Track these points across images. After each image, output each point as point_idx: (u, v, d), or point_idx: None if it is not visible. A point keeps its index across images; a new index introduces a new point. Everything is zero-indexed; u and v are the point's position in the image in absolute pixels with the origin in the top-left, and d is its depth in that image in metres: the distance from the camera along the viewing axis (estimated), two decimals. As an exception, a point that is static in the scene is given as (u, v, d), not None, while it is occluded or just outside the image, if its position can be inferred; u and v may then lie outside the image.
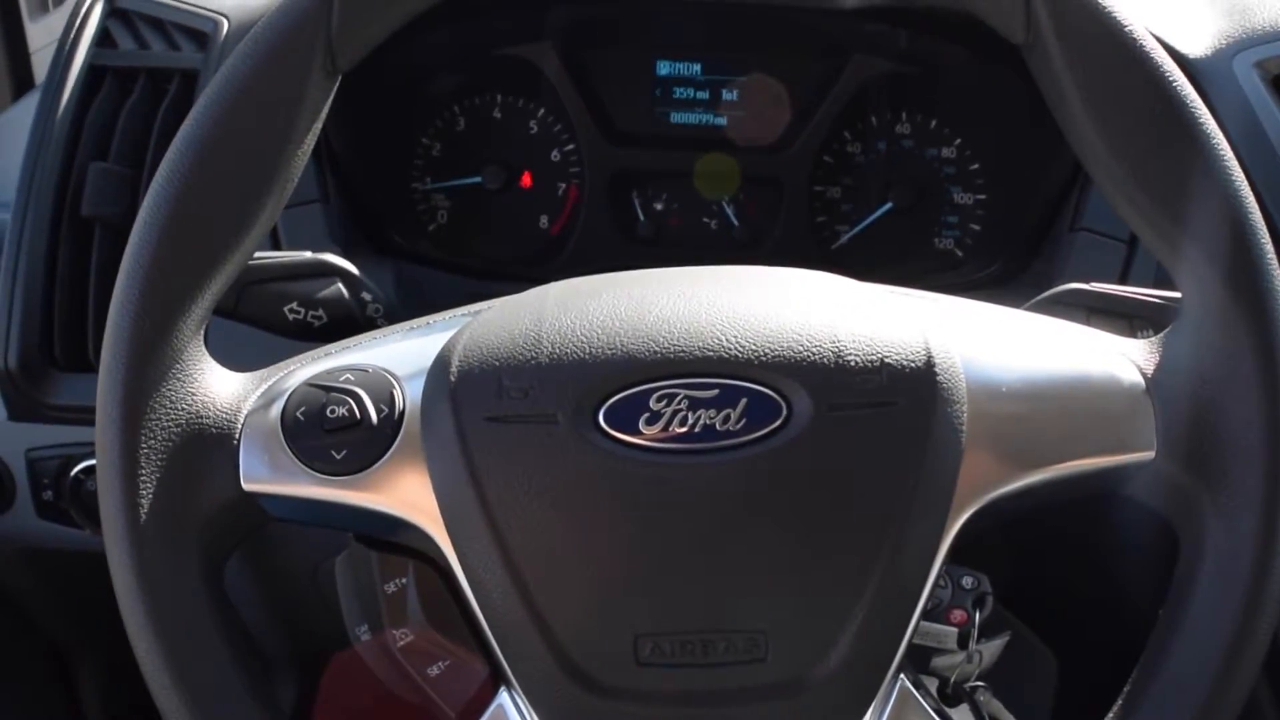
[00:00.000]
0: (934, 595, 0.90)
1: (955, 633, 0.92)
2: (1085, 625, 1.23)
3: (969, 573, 0.95)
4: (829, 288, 0.71)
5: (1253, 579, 0.68)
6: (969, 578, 0.95)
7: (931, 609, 0.93)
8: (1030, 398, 0.70)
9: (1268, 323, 0.69)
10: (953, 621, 0.92)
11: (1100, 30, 0.70)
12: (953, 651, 0.92)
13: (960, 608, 0.93)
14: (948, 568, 0.95)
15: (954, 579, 0.94)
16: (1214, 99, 1.10)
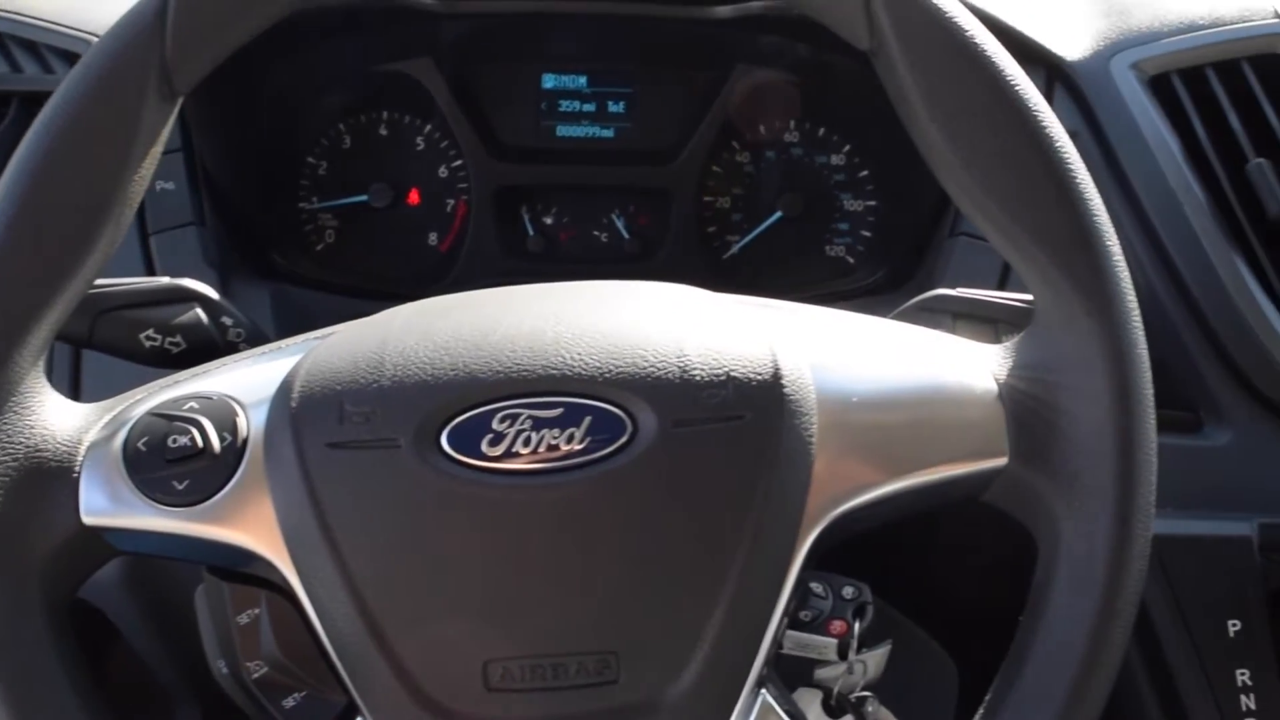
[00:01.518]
0: (814, 606, 0.90)
1: (835, 644, 0.91)
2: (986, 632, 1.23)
3: (850, 582, 0.95)
4: (677, 301, 0.71)
5: (1107, 583, 0.68)
6: (850, 587, 0.94)
7: (811, 620, 0.93)
8: (882, 407, 0.70)
9: (1116, 326, 0.68)
10: (832, 632, 0.91)
11: (942, 36, 0.69)
12: (834, 663, 0.91)
13: (840, 618, 0.92)
14: (828, 578, 0.95)
15: (835, 589, 0.94)
16: (1092, 101, 1.10)
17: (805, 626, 0.92)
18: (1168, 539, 0.97)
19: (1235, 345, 1.02)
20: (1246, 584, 0.96)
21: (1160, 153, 1.06)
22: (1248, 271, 1.03)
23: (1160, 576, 0.96)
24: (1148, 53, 1.10)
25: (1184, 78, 1.09)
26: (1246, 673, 0.95)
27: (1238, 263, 1.03)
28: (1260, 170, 1.03)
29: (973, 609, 1.20)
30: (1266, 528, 0.97)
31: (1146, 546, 0.69)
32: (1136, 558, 0.68)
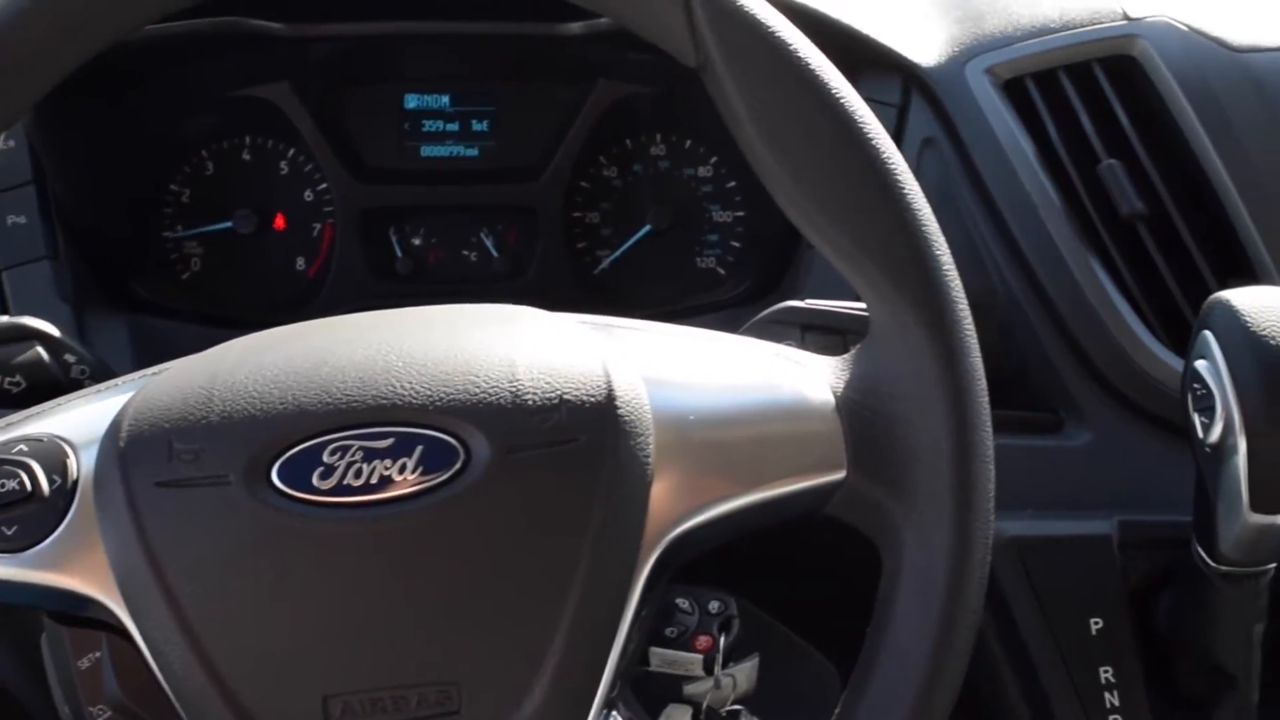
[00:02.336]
0: (680, 622, 0.90)
1: (701, 659, 0.91)
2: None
3: (717, 596, 0.95)
4: (511, 324, 0.70)
5: (948, 593, 0.68)
6: (716, 602, 0.94)
7: (677, 636, 0.93)
8: (720, 424, 0.70)
9: (947, 334, 0.69)
10: (698, 647, 0.91)
11: (766, 51, 0.70)
12: (702, 678, 0.91)
13: (706, 633, 0.92)
14: (695, 593, 0.94)
15: (701, 604, 0.94)
16: (948, 107, 1.11)
17: (671, 643, 0.92)
18: (1030, 540, 0.98)
19: (1092, 345, 1.03)
20: (1107, 582, 0.97)
21: (1015, 157, 1.07)
22: (1103, 272, 1.04)
23: (1023, 577, 0.96)
24: (1001, 57, 1.11)
25: (1037, 81, 1.10)
26: (1109, 670, 0.96)
27: (1093, 264, 1.04)
28: (1112, 171, 1.04)
29: (854, 617, 1.20)
30: (1125, 525, 0.98)
31: (987, 554, 0.69)
32: (976, 566, 0.69)
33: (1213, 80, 1.06)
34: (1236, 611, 0.91)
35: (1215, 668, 0.94)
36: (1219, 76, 1.06)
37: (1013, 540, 0.97)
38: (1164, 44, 1.08)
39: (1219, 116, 1.05)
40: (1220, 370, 0.83)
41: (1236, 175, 1.04)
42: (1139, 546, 0.99)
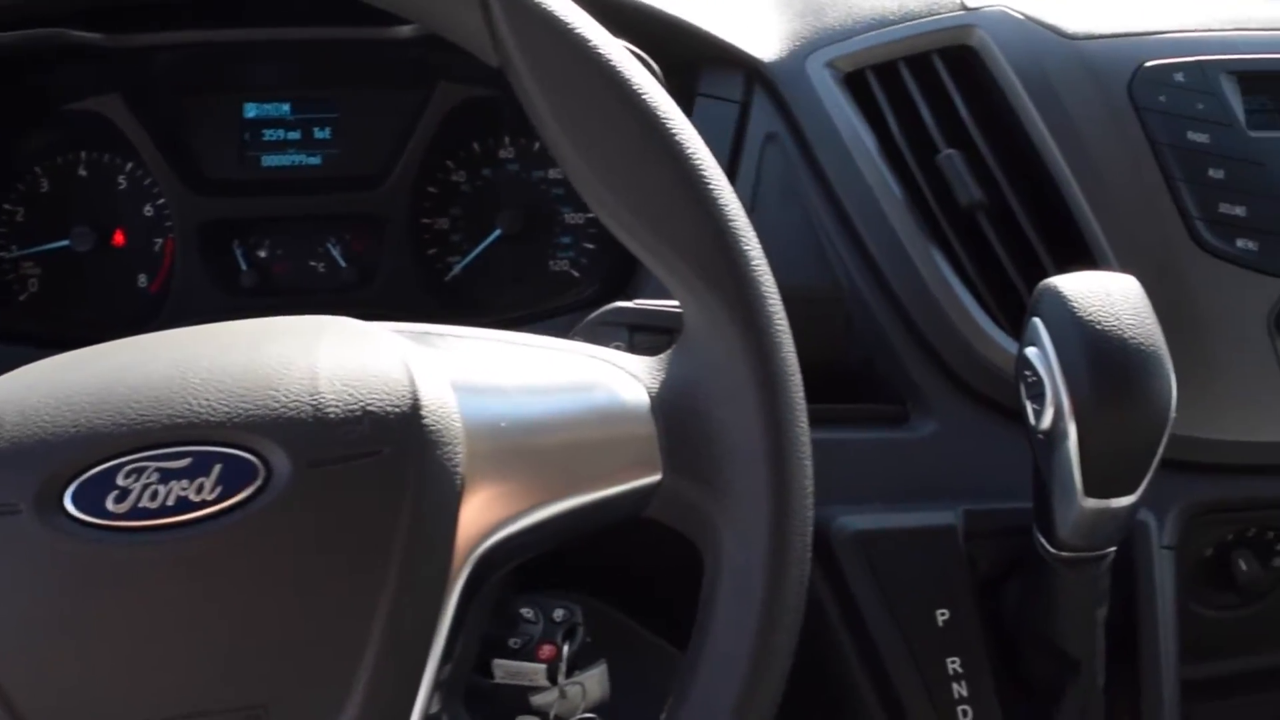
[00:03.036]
0: (524, 632, 0.88)
1: (544, 669, 0.89)
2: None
3: (562, 604, 0.94)
4: (316, 336, 0.68)
5: (767, 592, 0.67)
6: (561, 609, 0.93)
7: (521, 647, 0.91)
8: (533, 431, 0.68)
9: (759, 331, 0.68)
10: (541, 657, 0.90)
11: (567, 50, 0.68)
12: (547, 688, 0.90)
13: (550, 641, 0.91)
14: (540, 601, 0.93)
15: (546, 613, 0.93)
16: (790, 102, 1.10)
17: (514, 653, 0.90)
18: (875, 533, 0.97)
19: (936, 336, 1.03)
20: (953, 573, 0.97)
21: (856, 150, 1.07)
22: (944, 262, 1.04)
23: (868, 571, 0.96)
24: (842, 50, 1.11)
25: (878, 73, 1.10)
26: (957, 661, 0.95)
27: (934, 255, 1.04)
28: (950, 161, 1.04)
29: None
30: (971, 515, 0.98)
31: (806, 552, 0.69)
32: (795, 564, 0.68)
33: (1049, 68, 1.06)
34: (1078, 596, 0.91)
35: (1060, 653, 0.94)
36: (1055, 64, 1.06)
37: (858, 534, 0.97)
38: (1001, 33, 1.08)
39: (1055, 104, 1.05)
40: (1049, 356, 0.83)
41: (1073, 162, 1.04)
42: (986, 535, 0.99)
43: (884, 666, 0.96)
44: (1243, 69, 1.08)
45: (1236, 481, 1.06)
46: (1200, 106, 1.06)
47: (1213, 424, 1.04)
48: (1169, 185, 1.04)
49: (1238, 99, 1.07)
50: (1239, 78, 1.08)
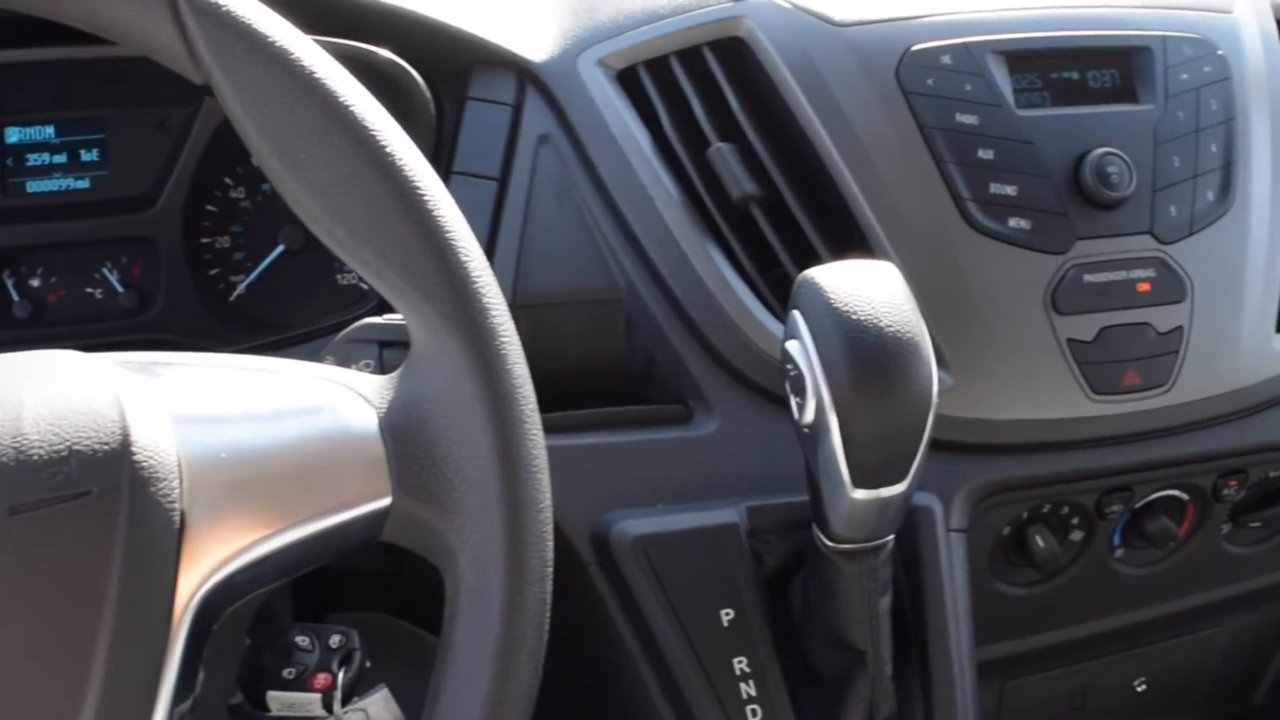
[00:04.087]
0: (299, 661, 0.86)
1: (319, 698, 0.87)
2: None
3: (338, 630, 0.91)
4: (26, 373, 0.65)
5: (505, 612, 0.66)
6: (337, 636, 0.90)
7: (295, 677, 0.88)
8: (255, 461, 0.66)
9: (483, 346, 0.66)
10: (315, 686, 0.87)
11: (268, 63, 0.66)
12: (324, 717, 0.87)
13: (325, 670, 0.88)
14: (316, 629, 0.90)
15: (322, 640, 0.90)
16: (562, 102, 1.09)
17: (289, 684, 0.88)
18: (656, 536, 0.96)
19: (715, 333, 1.02)
20: (737, 571, 0.96)
21: (629, 148, 1.05)
22: (721, 258, 1.03)
23: (650, 575, 0.95)
24: (613, 47, 1.10)
25: (650, 69, 1.09)
26: (744, 660, 0.95)
27: (710, 250, 1.03)
28: (721, 155, 1.03)
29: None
30: (754, 511, 0.98)
31: (544, 569, 0.67)
32: (533, 582, 0.66)
33: (817, 56, 1.05)
34: (858, 588, 0.91)
35: (846, 645, 0.93)
36: (823, 52, 1.06)
37: (639, 539, 0.95)
38: (769, 23, 1.07)
39: (825, 92, 1.05)
40: (808, 349, 0.82)
41: (844, 149, 1.04)
42: (771, 530, 0.98)
43: (670, 671, 0.95)
44: (1010, 49, 1.08)
45: (1025, 460, 1.07)
46: (968, 88, 1.06)
47: (996, 404, 1.05)
48: (939, 168, 1.04)
49: (1006, 79, 1.07)
50: (1007, 58, 1.08)
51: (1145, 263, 1.06)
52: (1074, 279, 1.04)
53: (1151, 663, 1.31)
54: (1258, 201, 1.12)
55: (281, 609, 0.97)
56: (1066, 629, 1.23)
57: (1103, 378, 1.05)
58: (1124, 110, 1.09)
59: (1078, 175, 1.05)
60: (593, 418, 1.00)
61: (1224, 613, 1.30)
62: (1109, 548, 1.18)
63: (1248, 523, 1.21)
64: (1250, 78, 1.15)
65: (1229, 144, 1.11)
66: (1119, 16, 1.14)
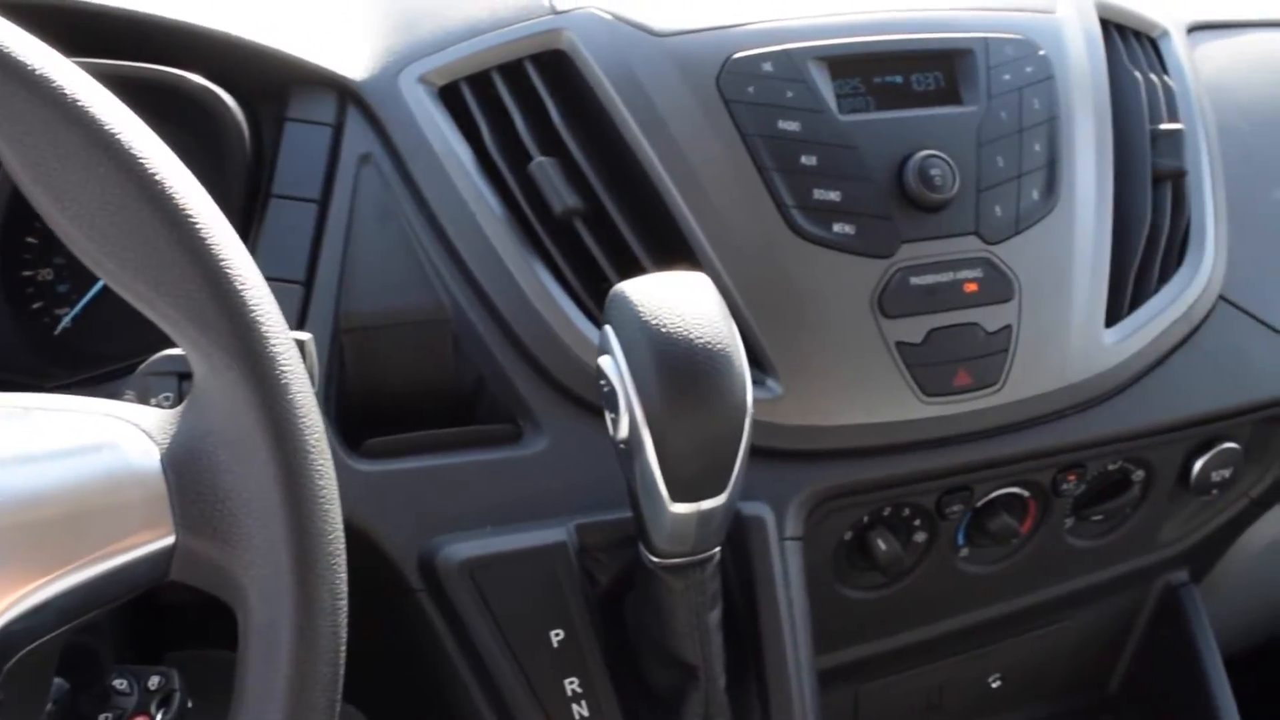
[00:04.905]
0: (117, 705, 0.83)
1: (137, 741, 0.84)
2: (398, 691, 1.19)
3: (158, 671, 0.89)
4: None
5: (295, 650, 0.64)
6: (156, 677, 0.88)
7: (114, 720, 0.86)
8: (29, 504, 0.63)
9: (262, 376, 0.64)
10: (134, 730, 0.85)
11: (28, 92, 0.63)
12: (138, 762, 0.85)
13: (143, 713, 0.86)
14: (135, 671, 0.88)
15: (140, 682, 0.87)
16: (384, 120, 1.07)
17: (104, 727, 0.85)
18: (483, 559, 0.95)
19: (541, 349, 1.01)
20: (567, 590, 0.95)
21: (451, 166, 1.04)
22: (546, 273, 1.02)
23: (478, 599, 0.93)
24: (434, 63, 1.08)
25: (472, 84, 1.07)
26: (575, 681, 0.94)
27: (535, 266, 1.02)
28: (542, 169, 1.02)
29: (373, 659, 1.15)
30: (583, 529, 0.97)
31: (336, 601, 0.65)
32: (324, 615, 0.65)
33: (638, 67, 1.05)
34: (686, 602, 0.90)
35: (678, 661, 0.92)
36: (644, 62, 1.05)
37: (465, 562, 0.94)
38: (590, 35, 1.06)
39: (646, 103, 1.04)
40: (620, 364, 0.81)
41: (666, 160, 1.03)
42: (602, 548, 0.98)
43: (501, 695, 0.93)
44: (832, 54, 1.08)
45: (860, 464, 1.07)
46: (789, 94, 1.05)
47: (826, 410, 1.04)
48: (762, 176, 1.03)
49: (828, 84, 1.07)
50: (828, 63, 1.08)
51: (972, 263, 1.07)
52: (900, 282, 1.04)
53: (1005, 658, 1.32)
54: (1082, 198, 1.12)
55: (103, 651, 0.94)
56: (918, 630, 1.23)
57: (933, 379, 1.05)
58: (947, 112, 1.10)
59: (901, 178, 1.05)
60: (419, 440, 0.98)
61: (1073, 605, 1.31)
62: (953, 547, 1.18)
63: (1090, 516, 1.22)
64: (1073, 76, 1.16)
65: (1052, 142, 1.12)
66: (942, 20, 1.14)
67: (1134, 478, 1.22)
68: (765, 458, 1.03)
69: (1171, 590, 1.36)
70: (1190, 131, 1.25)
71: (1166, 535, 1.31)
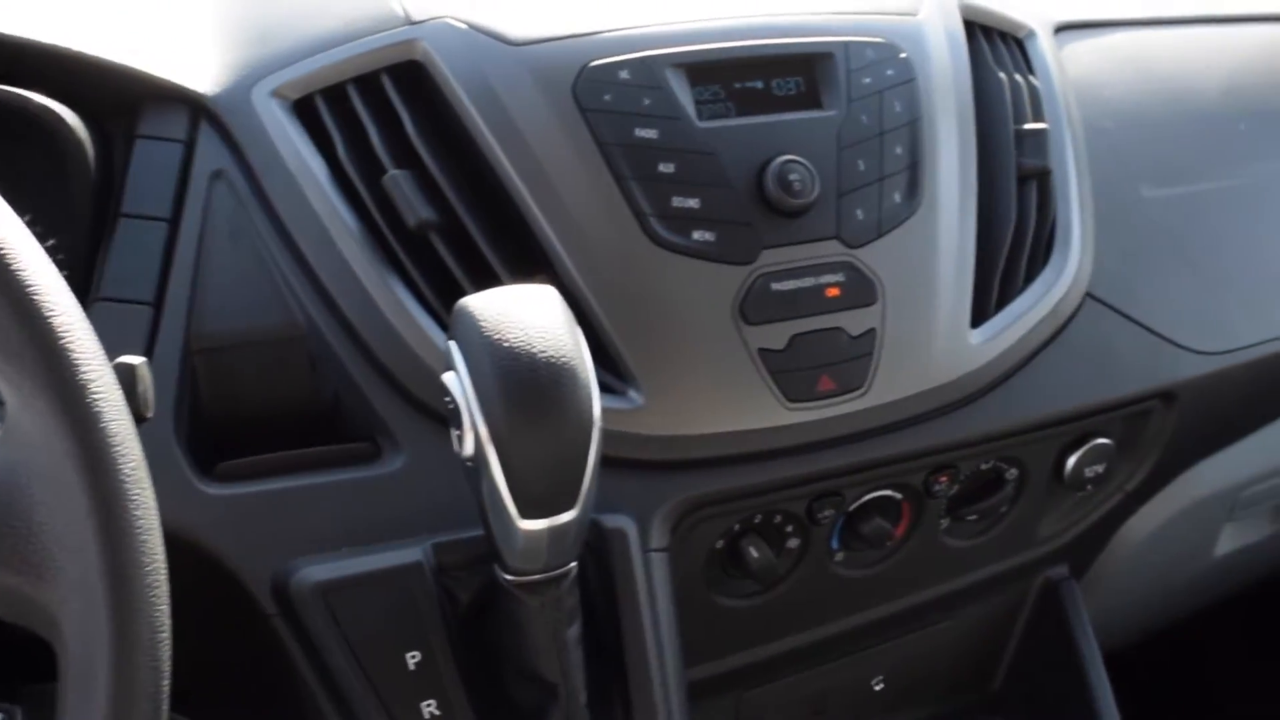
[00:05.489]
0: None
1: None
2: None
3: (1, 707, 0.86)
4: None
5: (112, 686, 0.62)
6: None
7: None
8: None
9: (72, 404, 0.63)
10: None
11: None
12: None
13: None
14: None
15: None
16: (237, 136, 1.05)
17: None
18: (337, 582, 0.93)
19: (398, 365, 0.99)
20: (423, 611, 0.93)
21: (305, 180, 1.02)
22: (402, 288, 1.00)
23: (331, 624, 0.92)
24: (288, 76, 1.06)
25: (326, 98, 1.05)
26: (433, 704, 0.92)
27: (391, 282, 1.00)
28: (395, 182, 1.00)
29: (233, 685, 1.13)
30: (440, 547, 0.95)
31: (157, 635, 0.64)
32: (143, 649, 0.63)
33: (493, 76, 1.03)
34: (542, 620, 0.89)
35: (538, 679, 0.91)
36: (499, 72, 1.04)
37: (319, 585, 0.92)
38: (444, 45, 1.05)
39: (501, 113, 1.03)
40: (464, 380, 0.80)
41: (522, 170, 1.02)
42: (460, 566, 0.96)
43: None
44: (690, 61, 1.08)
45: (725, 473, 1.06)
46: (647, 102, 1.04)
47: (690, 420, 1.04)
48: (619, 184, 1.02)
49: (687, 91, 1.06)
50: (687, 70, 1.07)
51: (834, 268, 1.06)
52: (762, 288, 1.04)
53: (887, 660, 1.32)
54: (946, 200, 1.12)
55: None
56: (797, 635, 1.23)
57: (796, 385, 1.04)
58: (807, 117, 1.09)
59: (761, 184, 1.05)
60: (274, 462, 0.96)
61: (954, 605, 1.32)
62: (828, 552, 1.18)
63: (965, 516, 1.22)
64: (935, 78, 1.16)
65: (914, 145, 1.12)
66: (803, 24, 1.14)
67: (1007, 476, 1.22)
68: (628, 469, 1.02)
69: (1051, 586, 1.37)
70: (1055, 130, 1.25)
71: (1044, 531, 1.31)
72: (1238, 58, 1.50)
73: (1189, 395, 1.28)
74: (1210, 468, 1.41)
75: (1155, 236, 1.31)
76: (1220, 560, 1.60)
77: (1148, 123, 1.38)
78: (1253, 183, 1.41)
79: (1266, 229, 1.39)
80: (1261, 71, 1.51)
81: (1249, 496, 1.52)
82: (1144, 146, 1.36)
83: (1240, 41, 1.52)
